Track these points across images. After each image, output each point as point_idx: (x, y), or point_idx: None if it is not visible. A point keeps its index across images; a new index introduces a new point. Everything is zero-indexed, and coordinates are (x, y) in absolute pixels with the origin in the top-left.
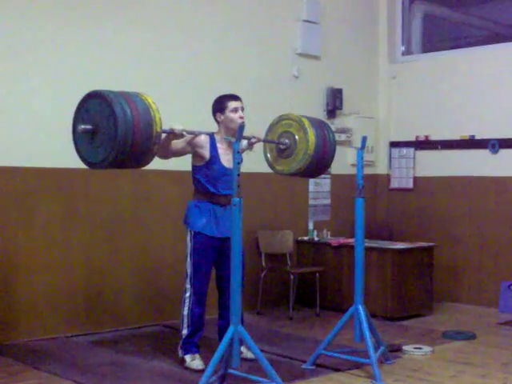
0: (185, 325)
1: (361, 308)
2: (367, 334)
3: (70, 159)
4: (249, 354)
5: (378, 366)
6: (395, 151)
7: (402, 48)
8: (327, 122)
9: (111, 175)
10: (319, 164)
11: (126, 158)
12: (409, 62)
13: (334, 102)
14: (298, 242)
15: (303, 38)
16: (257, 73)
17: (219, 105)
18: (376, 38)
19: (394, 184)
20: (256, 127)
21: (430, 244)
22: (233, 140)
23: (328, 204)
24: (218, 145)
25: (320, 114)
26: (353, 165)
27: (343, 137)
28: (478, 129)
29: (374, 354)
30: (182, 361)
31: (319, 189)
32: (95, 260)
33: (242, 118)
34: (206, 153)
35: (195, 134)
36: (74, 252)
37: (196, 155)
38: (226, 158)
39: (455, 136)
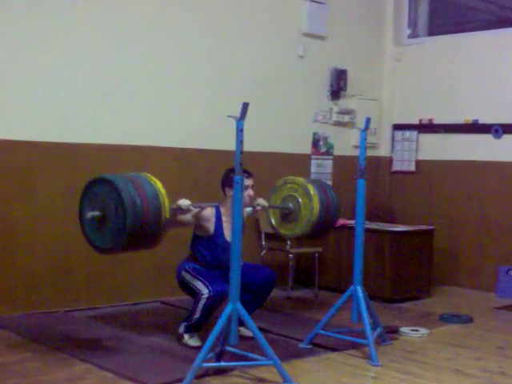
0: (198, 309)
1: (359, 289)
2: (365, 314)
3: (72, 133)
4: (246, 332)
5: (375, 347)
6: (398, 134)
7: (408, 31)
8: (332, 102)
9: (112, 150)
10: (323, 228)
11: (135, 245)
12: (414, 45)
13: (339, 82)
14: None
15: (309, 17)
16: (262, 52)
17: (229, 180)
18: (382, 20)
19: (397, 167)
20: (260, 107)
21: (430, 227)
22: (236, 117)
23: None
24: (223, 218)
25: (324, 94)
26: (355, 146)
27: (346, 118)
28: (481, 113)
29: (371, 334)
30: (180, 337)
31: (321, 170)
32: None
33: (250, 196)
34: (211, 226)
35: (201, 208)
36: (75, 227)
37: (200, 227)
38: (229, 233)
39: (459, 120)
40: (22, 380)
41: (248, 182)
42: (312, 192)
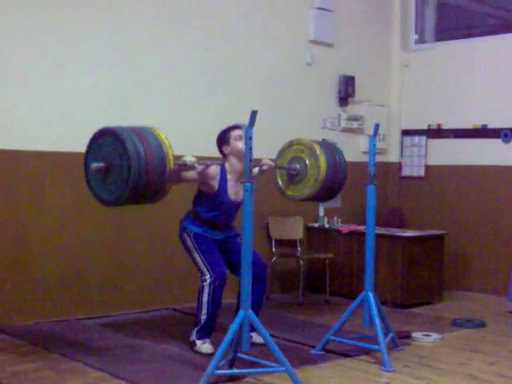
0: (203, 311)
1: (371, 294)
2: (377, 320)
3: (82, 143)
4: (258, 339)
5: (387, 353)
6: (407, 139)
7: (415, 36)
8: (341, 109)
9: None
10: (330, 189)
11: (139, 196)
12: (422, 51)
13: (347, 89)
14: (308, 229)
15: (316, 25)
16: (270, 60)
17: (223, 138)
18: (389, 26)
19: (406, 172)
20: (269, 115)
21: (441, 232)
22: (245, 125)
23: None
24: (228, 176)
25: (332, 101)
26: (364, 152)
27: (355, 124)
28: (490, 118)
29: (384, 340)
30: (192, 344)
31: None
32: (106, 243)
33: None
34: (215, 184)
35: (206, 165)
36: (85, 235)
37: (205, 184)
38: (233, 191)
39: (467, 125)
40: None
41: (239, 131)
42: (318, 151)
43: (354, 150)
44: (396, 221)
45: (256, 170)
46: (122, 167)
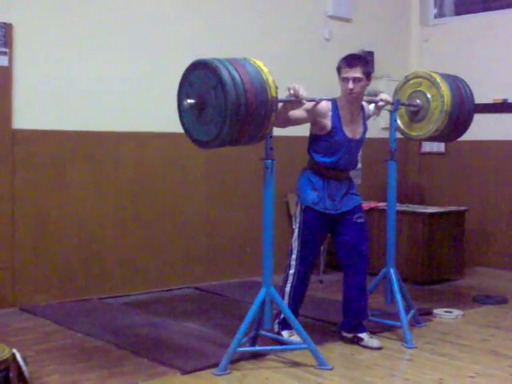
0: (285, 301)
1: (392, 271)
2: (398, 296)
3: (100, 122)
4: (375, 343)
5: (409, 329)
6: None
7: (435, 11)
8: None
9: (142, 138)
10: (458, 122)
11: (241, 130)
12: (441, 25)
13: None
14: None
15: (335, 0)
16: (288, 36)
17: (337, 67)
18: (408, 1)
19: (426, 148)
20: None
21: (462, 208)
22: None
23: (359, 168)
24: (342, 112)
25: None
26: (384, 128)
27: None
28: (510, 92)
29: (405, 317)
30: (278, 334)
31: None
32: (126, 223)
33: (350, 89)
34: (328, 122)
35: (316, 101)
36: (106, 215)
37: (316, 124)
38: (350, 128)
39: (488, 99)
40: (58, 367)
41: (348, 73)
42: (438, 80)
43: (374, 125)
44: (416, 197)
45: (372, 106)
46: (217, 99)
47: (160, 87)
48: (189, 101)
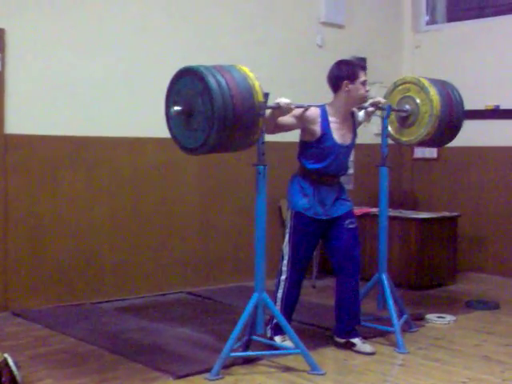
0: (278, 307)
1: (384, 276)
2: (390, 302)
3: (94, 127)
4: (368, 348)
5: (402, 335)
6: None
7: (427, 17)
8: None
9: (136, 143)
10: (448, 127)
11: (229, 136)
12: (433, 32)
13: None
14: None
15: (327, 6)
16: (280, 42)
17: (351, 73)
18: (400, 7)
19: (418, 154)
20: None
21: (454, 214)
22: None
23: (351, 173)
24: (331, 118)
25: None
26: (376, 134)
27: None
28: (503, 99)
29: (398, 322)
30: (270, 339)
31: None
32: (121, 227)
33: (367, 91)
34: (317, 128)
35: (304, 108)
36: (100, 219)
37: (306, 131)
38: (339, 134)
39: (480, 106)
40: (51, 371)
41: (366, 77)
42: (427, 84)
43: (367, 132)
44: (409, 203)
45: (361, 113)
46: (205, 105)
47: (153, 93)
48: (176, 108)
